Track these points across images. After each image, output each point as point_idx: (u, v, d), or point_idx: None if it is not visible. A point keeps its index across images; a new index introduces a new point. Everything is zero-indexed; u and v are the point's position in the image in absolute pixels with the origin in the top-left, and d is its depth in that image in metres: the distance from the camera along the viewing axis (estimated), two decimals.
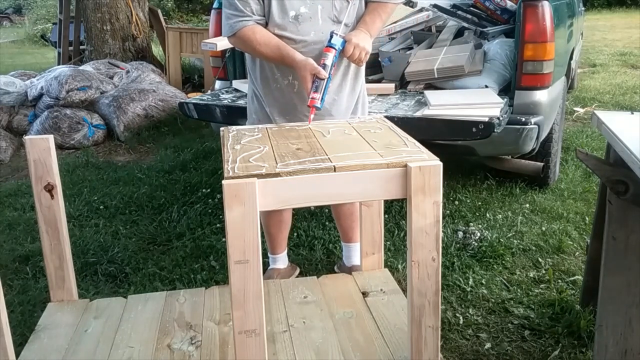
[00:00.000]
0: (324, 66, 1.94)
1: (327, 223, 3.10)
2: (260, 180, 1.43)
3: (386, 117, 2.06)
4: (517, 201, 3.38)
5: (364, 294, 2.15)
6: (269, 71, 2.16)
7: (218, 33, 3.60)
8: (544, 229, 3.01)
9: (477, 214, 3.21)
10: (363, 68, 2.25)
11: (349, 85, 2.20)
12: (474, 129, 2.63)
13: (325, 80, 1.94)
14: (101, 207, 3.46)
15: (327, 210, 3.16)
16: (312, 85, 1.93)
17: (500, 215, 3.17)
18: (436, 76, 3.20)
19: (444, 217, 2.90)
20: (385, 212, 2.49)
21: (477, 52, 3.33)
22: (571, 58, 4.23)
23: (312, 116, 1.93)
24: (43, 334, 1.96)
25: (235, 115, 3.00)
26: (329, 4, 2.06)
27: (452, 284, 2.50)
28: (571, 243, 2.85)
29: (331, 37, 1.97)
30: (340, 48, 1.98)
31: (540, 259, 2.71)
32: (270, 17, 2.05)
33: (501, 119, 2.67)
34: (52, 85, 5.14)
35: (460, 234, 2.94)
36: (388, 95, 3.25)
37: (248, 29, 2.03)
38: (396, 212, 3.25)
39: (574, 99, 6.07)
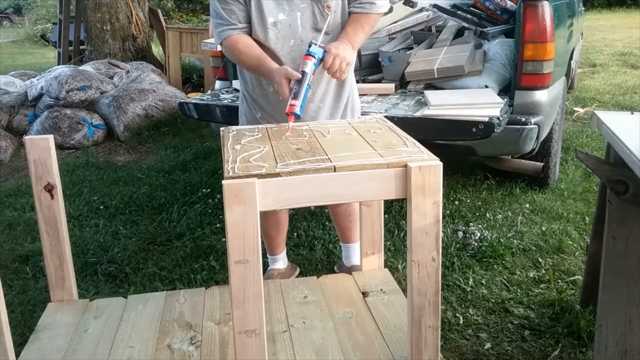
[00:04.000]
0: (302, 73, 1.87)
1: (327, 223, 3.10)
2: (260, 180, 1.43)
3: (386, 117, 2.06)
4: (517, 201, 3.38)
5: (364, 294, 2.15)
6: (256, 77, 2.15)
7: None
8: (544, 229, 3.01)
9: (477, 214, 3.21)
10: (351, 75, 2.24)
11: (333, 91, 2.17)
12: (474, 129, 2.63)
13: (305, 86, 1.87)
14: (101, 207, 3.46)
15: (327, 210, 3.15)
16: (291, 91, 1.87)
17: (500, 215, 3.17)
18: (436, 76, 3.20)
19: (444, 217, 2.90)
20: (385, 212, 2.49)
21: (477, 52, 3.33)
22: (571, 58, 4.23)
23: (291, 124, 1.84)
24: (43, 334, 1.96)
25: (235, 115, 2.97)
26: (308, 12, 2.04)
27: (452, 284, 2.50)
28: (571, 243, 2.85)
29: (310, 46, 1.92)
30: (320, 57, 1.91)
31: (540, 259, 2.71)
32: (252, 24, 2.04)
33: (501, 119, 2.67)
34: (52, 85, 5.14)
35: (460, 234, 2.94)
36: (388, 95, 3.25)
37: (232, 38, 2.03)
38: (396, 212, 3.25)
39: (574, 99, 6.07)
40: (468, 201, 3.39)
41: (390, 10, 3.65)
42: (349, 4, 2.08)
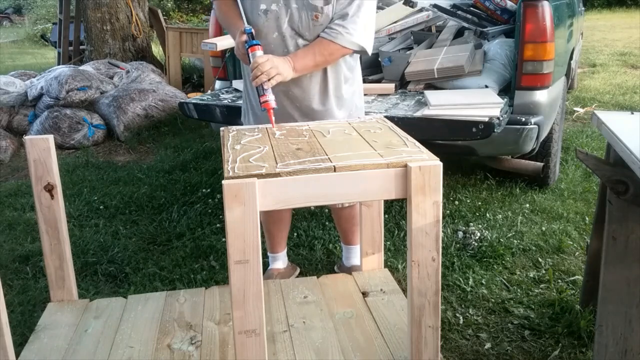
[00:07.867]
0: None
1: (327, 223, 3.10)
2: (260, 180, 1.43)
3: (386, 117, 2.06)
4: (517, 201, 3.38)
5: (364, 294, 2.15)
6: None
7: (218, 33, 3.60)
8: (544, 229, 3.01)
9: (477, 214, 3.21)
10: (357, 69, 2.24)
11: (318, 79, 2.15)
12: (474, 129, 2.63)
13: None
14: (101, 207, 3.46)
15: (327, 210, 3.16)
16: (259, 88, 1.92)
17: (500, 215, 3.17)
18: (436, 76, 3.20)
19: (444, 217, 2.91)
20: (385, 212, 2.49)
21: (477, 52, 3.33)
22: (571, 58, 4.23)
23: (274, 118, 1.90)
24: (43, 334, 1.96)
25: (235, 115, 2.99)
26: (297, 14, 2.04)
27: (452, 284, 2.50)
28: (571, 243, 2.85)
29: (250, 32, 1.98)
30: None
31: (540, 259, 2.71)
32: (244, 8, 2.08)
33: (501, 119, 2.67)
34: (52, 85, 5.13)
35: (460, 234, 2.94)
36: (388, 95, 3.25)
37: None
38: (396, 212, 3.25)
39: (574, 99, 6.07)
40: (468, 201, 3.39)
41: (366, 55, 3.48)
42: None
